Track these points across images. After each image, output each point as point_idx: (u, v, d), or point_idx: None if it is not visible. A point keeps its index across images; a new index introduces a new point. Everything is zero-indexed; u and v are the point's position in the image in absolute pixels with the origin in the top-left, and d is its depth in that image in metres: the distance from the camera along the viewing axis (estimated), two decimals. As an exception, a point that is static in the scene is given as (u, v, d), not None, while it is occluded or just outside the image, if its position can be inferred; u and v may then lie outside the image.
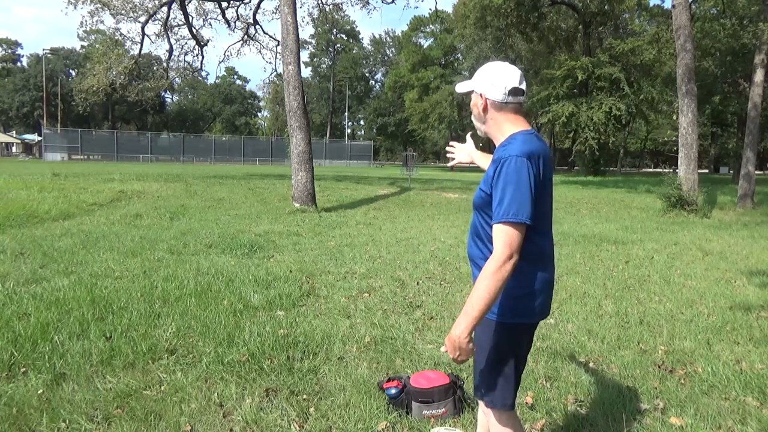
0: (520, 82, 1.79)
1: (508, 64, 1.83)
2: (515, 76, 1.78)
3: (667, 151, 62.70)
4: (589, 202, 15.24)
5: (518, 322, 1.78)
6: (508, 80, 1.77)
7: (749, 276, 6.06)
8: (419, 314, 4.40)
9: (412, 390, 2.74)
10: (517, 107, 1.82)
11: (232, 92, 78.91)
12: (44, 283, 4.95)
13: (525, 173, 1.64)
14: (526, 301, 1.75)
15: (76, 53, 64.75)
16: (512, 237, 1.61)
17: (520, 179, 1.63)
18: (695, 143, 13.24)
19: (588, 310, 4.60)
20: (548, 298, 1.82)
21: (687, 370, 3.34)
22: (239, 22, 23.26)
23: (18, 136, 62.52)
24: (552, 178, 1.82)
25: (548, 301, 1.82)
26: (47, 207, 10.02)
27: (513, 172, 1.64)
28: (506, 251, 1.60)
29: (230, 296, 4.67)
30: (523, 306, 1.75)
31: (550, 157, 1.80)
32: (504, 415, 1.89)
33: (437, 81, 54.98)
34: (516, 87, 1.78)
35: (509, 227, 1.61)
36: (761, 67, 14.51)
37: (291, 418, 2.66)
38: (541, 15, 30.94)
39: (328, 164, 52.19)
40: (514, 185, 1.63)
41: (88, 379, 3.02)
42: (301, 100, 12.20)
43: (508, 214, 1.61)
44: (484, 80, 1.81)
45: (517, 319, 1.77)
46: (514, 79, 1.78)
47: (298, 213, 11.34)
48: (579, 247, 7.81)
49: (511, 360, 1.82)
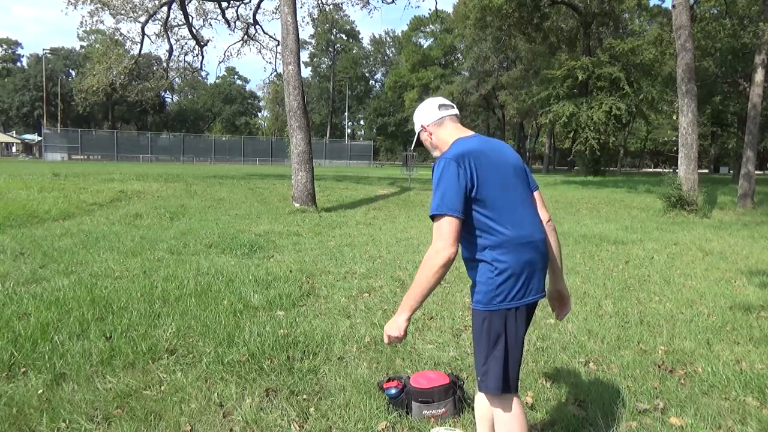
0: (444, 101, 2.08)
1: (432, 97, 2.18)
2: (438, 98, 2.09)
3: (667, 151, 62.72)
4: (589, 202, 15.24)
5: (497, 308, 1.86)
6: (434, 102, 2.07)
7: (749, 276, 6.06)
8: (419, 314, 4.39)
9: (412, 390, 2.74)
10: (453, 119, 2.06)
11: (232, 92, 78.92)
12: (44, 283, 4.95)
13: (449, 172, 1.81)
14: (502, 288, 1.84)
15: (76, 53, 64.77)
16: (440, 228, 1.79)
17: (442, 177, 1.82)
18: (695, 143, 13.23)
19: (588, 310, 4.60)
20: (528, 280, 1.87)
21: (687, 370, 3.34)
22: (239, 22, 23.28)
23: (18, 136, 62.53)
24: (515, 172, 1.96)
25: (529, 284, 1.88)
26: (47, 207, 10.03)
27: (438, 172, 1.85)
28: (436, 242, 1.80)
29: (230, 296, 4.67)
30: (500, 292, 1.84)
31: (497, 155, 1.93)
32: (497, 399, 1.93)
33: (437, 81, 54.99)
34: (443, 103, 2.06)
35: (437, 221, 1.81)
36: (761, 67, 14.51)
37: (291, 418, 2.66)
38: (543, 15, 30.92)
39: (328, 164, 52.21)
40: (438, 183, 1.83)
41: (88, 379, 3.02)
42: (301, 100, 12.20)
43: (432, 209, 1.81)
44: (418, 116, 2.10)
45: (495, 305, 1.86)
46: (439, 99, 2.08)
47: (298, 213, 11.34)
48: (579, 247, 7.81)
49: (499, 344, 1.88)
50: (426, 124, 2.06)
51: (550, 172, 44.62)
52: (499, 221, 1.85)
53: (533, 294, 1.90)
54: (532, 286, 1.89)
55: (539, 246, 1.93)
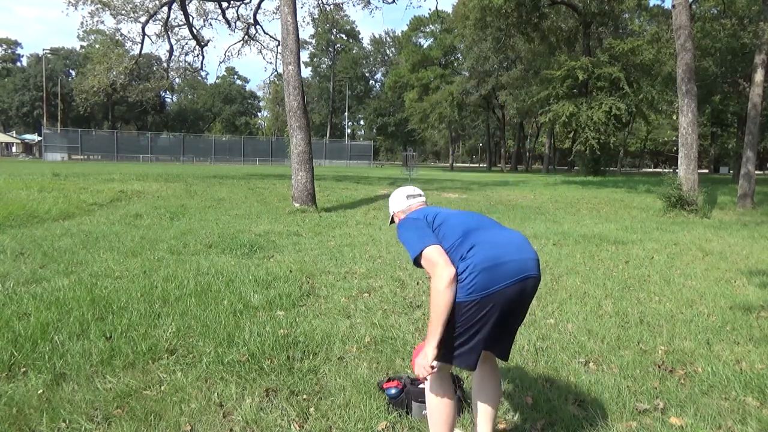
0: (413, 190, 2.43)
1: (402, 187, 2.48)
2: (409, 188, 2.45)
3: (667, 151, 62.74)
4: (589, 202, 15.23)
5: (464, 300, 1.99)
6: (403, 192, 2.43)
7: (749, 276, 6.06)
8: (419, 314, 4.40)
9: (412, 390, 2.74)
10: (420, 203, 2.40)
11: (232, 92, 78.95)
12: (44, 283, 4.95)
13: (409, 223, 2.18)
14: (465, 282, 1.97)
15: (76, 53, 64.81)
16: (429, 259, 2.00)
17: (406, 229, 2.16)
18: (695, 143, 13.24)
19: (588, 310, 4.60)
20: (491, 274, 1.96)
21: (687, 370, 3.34)
22: (239, 23, 23.27)
23: (18, 136, 62.54)
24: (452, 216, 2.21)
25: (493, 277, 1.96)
26: (47, 207, 10.03)
27: (402, 228, 2.19)
28: (434, 270, 1.96)
29: (230, 296, 4.67)
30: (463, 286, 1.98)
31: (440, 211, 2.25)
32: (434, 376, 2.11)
33: (437, 81, 55.01)
34: (410, 194, 2.41)
35: (422, 259, 2.03)
36: (761, 67, 14.51)
37: (291, 418, 2.66)
38: (541, 15, 30.93)
39: (328, 164, 52.21)
40: (404, 235, 2.14)
41: (88, 379, 3.02)
42: (301, 100, 12.20)
43: (412, 253, 2.06)
44: (390, 203, 2.46)
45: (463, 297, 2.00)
46: (408, 190, 2.43)
47: (298, 213, 11.34)
48: (579, 247, 7.81)
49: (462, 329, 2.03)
50: (395, 211, 2.42)
51: (550, 172, 44.62)
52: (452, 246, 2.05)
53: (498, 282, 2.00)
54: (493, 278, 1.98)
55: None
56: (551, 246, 7.83)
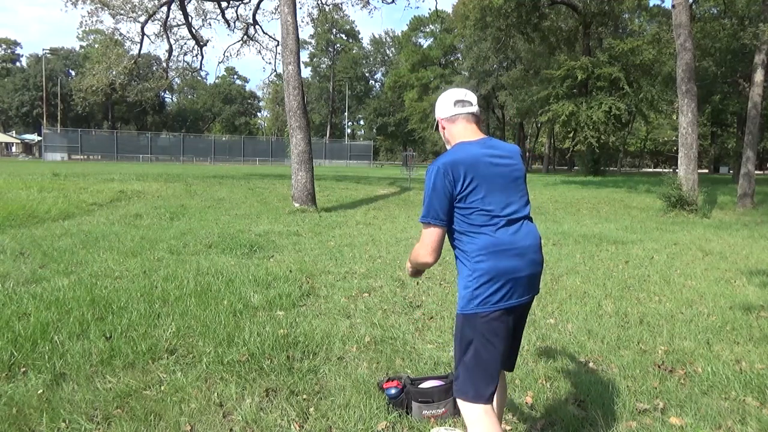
0: (465, 95, 2.04)
1: (456, 88, 2.10)
2: (459, 92, 2.05)
3: (667, 151, 62.72)
4: (589, 202, 15.24)
5: (474, 312, 1.88)
6: (452, 97, 2.04)
7: (749, 276, 6.05)
8: (419, 314, 4.40)
9: (412, 390, 2.74)
10: (467, 117, 2.03)
11: (231, 92, 78.86)
12: (44, 283, 4.94)
13: (434, 180, 1.89)
14: (480, 291, 1.87)
15: (76, 53, 64.76)
16: (423, 237, 1.93)
17: (429, 185, 1.91)
18: (695, 143, 13.23)
19: (588, 310, 4.60)
20: (513, 287, 1.88)
21: (687, 370, 3.33)
22: (239, 22, 23.26)
23: (18, 136, 62.50)
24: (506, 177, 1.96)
25: (514, 290, 1.88)
26: (47, 207, 10.02)
27: (427, 179, 1.94)
28: (419, 247, 1.95)
29: (230, 296, 4.67)
30: (478, 295, 1.88)
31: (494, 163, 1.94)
32: (468, 408, 1.89)
33: (437, 81, 54.96)
34: (460, 99, 2.03)
35: (422, 227, 1.94)
36: (761, 67, 14.51)
37: (291, 418, 2.66)
38: (542, 15, 30.91)
39: (328, 164, 52.20)
40: (426, 190, 1.93)
41: (88, 379, 3.02)
42: (301, 100, 12.20)
43: (421, 215, 1.94)
44: (436, 107, 2.10)
45: (472, 308, 1.89)
46: (458, 93, 2.05)
47: (298, 213, 11.34)
48: (579, 247, 7.81)
49: (471, 349, 1.89)
50: (440, 117, 2.07)
51: (549, 172, 44.61)
52: (481, 227, 1.89)
53: (512, 299, 1.89)
54: (510, 292, 1.88)
55: (525, 253, 1.92)
56: (551, 246, 7.83)
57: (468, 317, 1.90)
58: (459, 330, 1.94)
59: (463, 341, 1.92)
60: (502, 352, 1.91)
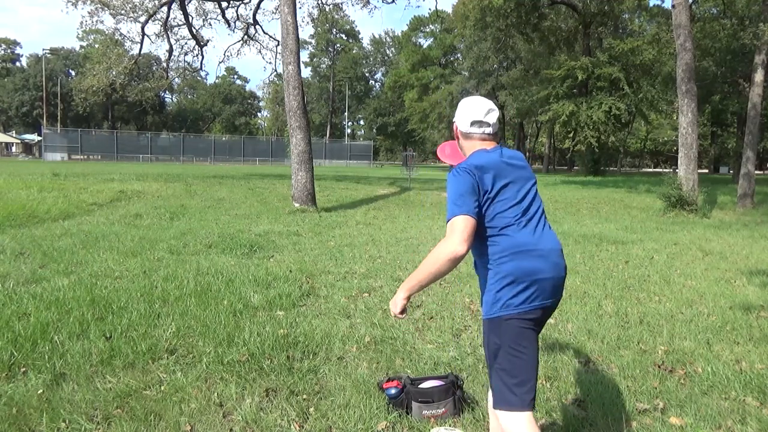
0: (485, 115, 2.00)
1: (481, 99, 2.06)
2: (479, 109, 2.01)
3: (667, 151, 62.72)
4: (589, 202, 15.24)
5: (501, 315, 1.85)
6: (471, 114, 2.02)
7: (749, 276, 6.06)
8: (419, 314, 4.40)
9: (411, 390, 2.74)
10: (482, 137, 2.03)
11: (232, 92, 78.86)
12: (44, 283, 4.94)
13: (460, 179, 1.88)
14: (503, 293, 1.85)
15: (76, 53, 64.76)
16: (453, 225, 1.83)
17: (455, 184, 1.88)
18: (695, 143, 13.24)
19: (588, 310, 4.60)
20: (537, 289, 1.86)
21: (687, 370, 3.34)
22: (239, 22, 23.26)
23: (18, 136, 62.50)
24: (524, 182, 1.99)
25: (537, 293, 1.86)
26: (47, 207, 10.02)
27: (450, 180, 1.91)
28: (449, 237, 1.82)
29: (230, 296, 4.67)
30: (500, 297, 1.85)
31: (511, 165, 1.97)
32: (510, 419, 1.84)
33: (437, 81, 54.98)
34: (477, 120, 2.01)
35: (452, 221, 1.84)
36: (761, 67, 14.51)
37: (291, 418, 2.66)
38: (542, 15, 30.92)
39: (328, 164, 52.21)
40: (451, 190, 1.89)
41: (88, 379, 3.02)
42: (301, 100, 12.20)
43: (449, 214, 1.86)
44: (457, 113, 2.09)
45: (495, 311, 1.86)
46: (477, 112, 2.01)
47: (298, 213, 11.34)
48: (579, 247, 7.81)
49: (505, 354, 1.85)
50: (458, 127, 2.08)
51: (549, 172, 44.60)
52: (507, 228, 1.88)
53: (540, 301, 1.87)
54: (536, 294, 1.86)
55: (548, 255, 1.91)
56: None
57: (493, 322, 1.88)
58: (486, 337, 1.92)
59: (490, 348, 1.89)
60: (533, 355, 1.87)
